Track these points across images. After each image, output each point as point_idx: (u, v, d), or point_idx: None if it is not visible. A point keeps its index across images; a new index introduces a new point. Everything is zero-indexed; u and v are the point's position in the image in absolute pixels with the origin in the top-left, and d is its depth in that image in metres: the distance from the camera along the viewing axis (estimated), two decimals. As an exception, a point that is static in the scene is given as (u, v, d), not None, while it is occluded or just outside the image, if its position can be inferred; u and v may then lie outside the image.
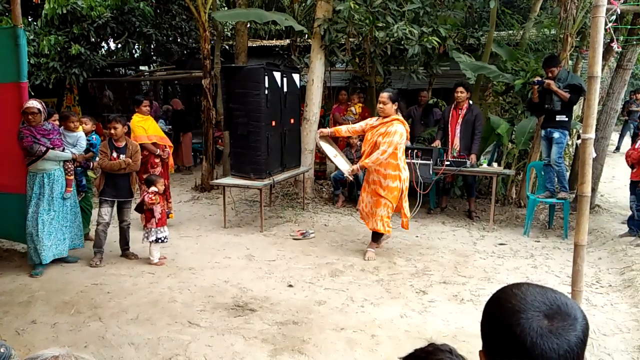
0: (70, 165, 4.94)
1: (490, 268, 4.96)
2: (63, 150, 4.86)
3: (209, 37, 8.10)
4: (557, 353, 0.89)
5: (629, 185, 5.90)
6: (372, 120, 5.21)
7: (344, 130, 5.41)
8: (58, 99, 10.84)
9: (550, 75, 5.94)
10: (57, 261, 4.86)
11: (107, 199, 5.05)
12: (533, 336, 0.90)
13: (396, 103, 4.95)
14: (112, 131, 5.05)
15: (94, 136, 5.81)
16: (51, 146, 4.68)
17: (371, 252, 5.23)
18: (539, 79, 6.04)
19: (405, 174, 5.10)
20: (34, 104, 4.63)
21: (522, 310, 0.93)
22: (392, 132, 4.87)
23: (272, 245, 5.64)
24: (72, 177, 4.96)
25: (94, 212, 5.56)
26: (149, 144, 6.01)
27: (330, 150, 5.46)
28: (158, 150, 6.08)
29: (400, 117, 5.03)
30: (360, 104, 8.70)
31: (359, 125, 5.32)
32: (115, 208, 5.15)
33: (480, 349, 1.03)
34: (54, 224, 4.79)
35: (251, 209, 7.33)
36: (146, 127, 6.04)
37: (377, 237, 5.30)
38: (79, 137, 5.18)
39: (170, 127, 10.29)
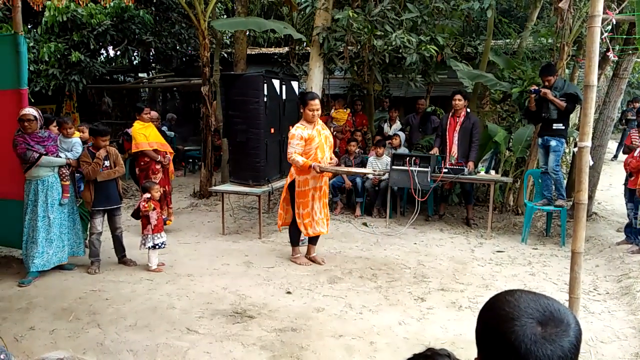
0: (65, 171, 4.88)
1: (488, 275, 4.97)
2: (57, 156, 4.83)
3: (208, 44, 8.14)
4: (551, 359, 0.91)
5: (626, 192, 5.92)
6: None
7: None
8: (57, 106, 10.89)
9: (546, 83, 5.99)
10: (55, 268, 4.85)
11: (99, 209, 5.05)
12: (527, 343, 0.92)
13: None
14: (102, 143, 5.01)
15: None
16: (45, 152, 4.66)
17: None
18: (536, 87, 6.08)
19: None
20: (30, 111, 4.63)
21: (515, 317, 0.95)
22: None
23: (271, 252, 5.64)
24: (68, 183, 4.89)
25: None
26: (150, 151, 6.06)
27: (335, 168, 5.22)
28: (159, 157, 6.11)
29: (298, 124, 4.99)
30: (343, 109, 8.84)
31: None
32: (105, 217, 5.14)
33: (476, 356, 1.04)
34: (52, 231, 4.77)
35: (250, 216, 7.34)
36: (147, 134, 6.09)
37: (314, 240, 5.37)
38: (74, 142, 5.16)
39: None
